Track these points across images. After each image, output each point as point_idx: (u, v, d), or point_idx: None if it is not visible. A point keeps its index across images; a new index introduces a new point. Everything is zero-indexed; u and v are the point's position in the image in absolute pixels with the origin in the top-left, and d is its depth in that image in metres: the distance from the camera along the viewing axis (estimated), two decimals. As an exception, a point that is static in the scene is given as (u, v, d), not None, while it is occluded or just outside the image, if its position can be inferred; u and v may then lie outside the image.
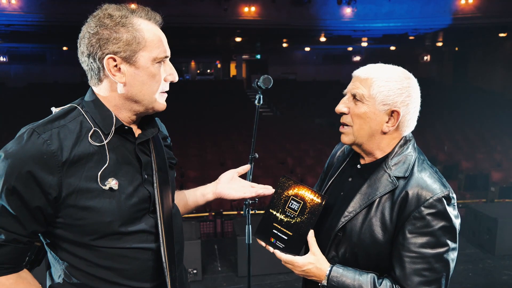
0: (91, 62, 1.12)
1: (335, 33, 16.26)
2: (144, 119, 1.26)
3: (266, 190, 1.49)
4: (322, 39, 17.13)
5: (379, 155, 1.35)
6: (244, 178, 1.62)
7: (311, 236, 1.34)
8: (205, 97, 17.93)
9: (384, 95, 1.27)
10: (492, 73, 18.03)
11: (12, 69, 20.53)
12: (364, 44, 19.06)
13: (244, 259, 2.94)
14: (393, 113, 1.28)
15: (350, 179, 1.41)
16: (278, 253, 1.36)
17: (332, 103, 1.44)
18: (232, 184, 1.54)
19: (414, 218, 1.21)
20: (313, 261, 1.31)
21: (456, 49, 20.76)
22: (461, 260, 4.90)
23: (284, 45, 20.14)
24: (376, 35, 16.60)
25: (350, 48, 22.04)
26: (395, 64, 1.36)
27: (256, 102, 2.29)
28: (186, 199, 1.56)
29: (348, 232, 1.31)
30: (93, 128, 1.13)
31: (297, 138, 11.67)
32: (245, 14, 14.15)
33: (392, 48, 20.59)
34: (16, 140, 1.06)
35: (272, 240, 1.38)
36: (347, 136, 1.35)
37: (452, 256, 1.23)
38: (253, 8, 14.08)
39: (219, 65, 26.57)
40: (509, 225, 5.09)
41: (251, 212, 2.40)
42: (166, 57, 1.18)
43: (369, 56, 21.22)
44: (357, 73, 1.34)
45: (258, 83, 2.16)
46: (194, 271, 4.46)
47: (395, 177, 1.27)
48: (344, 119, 1.35)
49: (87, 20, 1.13)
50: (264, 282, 4.45)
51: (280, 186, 1.40)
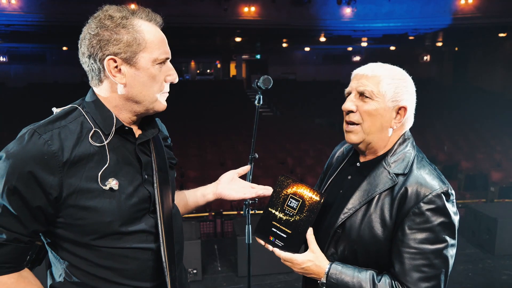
0: (92, 63, 1.13)
1: (335, 33, 16.28)
2: (145, 120, 1.27)
3: (266, 191, 1.49)
4: (322, 39, 17.15)
5: (381, 152, 1.35)
6: (244, 178, 1.62)
7: (310, 234, 1.35)
8: (205, 97, 17.92)
9: (393, 92, 1.29)
10: (492, 73, 18.03)
11: (12, 69, 20.53)
12: (364, 44, 19.07)
13: (244, 259, 2.94)
14: (400, 110, 1.31)
15: (350, 177, 1.41)
16: (277, 251, 1.36)
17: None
18: (232, 185, 1.54)
19: (414, 214, 1.22)
20: (312, 259, 1.31)
21: (456, 49, 20.77)
22: (461, 260, 4.89)
23: (284, 45, 20.14)
24: (376, 35, 16.61)
25: (350, 48, 22.05)
26: (395, 64, 1.37)
27: (256, 102, 2.29)
28: (186, 199, 1.56)
29: (348, 229, 1.31)
30: (94, 129, 1.14)
31: (297, 138, 11.65)
32: (245, 14, 14.16)
33: (392, 48, 20.59)
34: (17, 141, 1.07)
35: (271, 239, 1.38)
36: (356, 135, 1.33)
37: (451, 253, 1.24)
38: (253, 8, 14.10)
39: (219, 65, 26.55)
40: (509, 225, 5.09)
41: (251, 212, 2.39)
42: (167, 59, 1.18)
43: (369, 56, 21.19)
44: (362, 71, 1.34)
45: (258, 84, 2.16)
46: (194, 271, 4.46)
47: (395, 174, 1.28)
48: (352, 117, 1.33)
49: (88, 21, 1.13)
50: (264, 282, 4.45)
51: (279, 185, 1.40)
